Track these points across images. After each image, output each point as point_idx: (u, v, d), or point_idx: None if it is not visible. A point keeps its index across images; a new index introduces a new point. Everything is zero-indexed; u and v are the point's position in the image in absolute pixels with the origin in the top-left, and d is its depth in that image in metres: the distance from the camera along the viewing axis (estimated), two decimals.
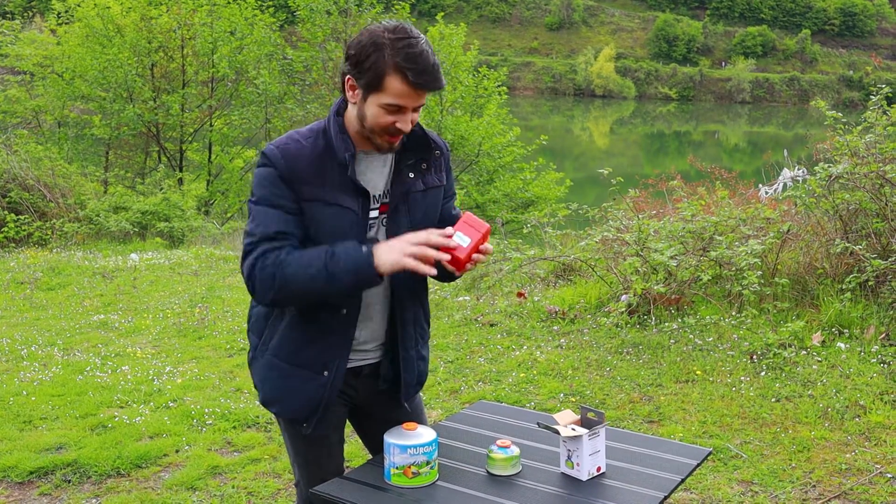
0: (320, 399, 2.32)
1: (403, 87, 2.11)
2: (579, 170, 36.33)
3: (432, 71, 2.11)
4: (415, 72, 2.09)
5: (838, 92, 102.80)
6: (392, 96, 2.13)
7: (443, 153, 2.43)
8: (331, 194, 2.22)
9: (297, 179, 2.20)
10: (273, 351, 2.34)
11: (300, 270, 2.15)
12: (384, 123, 2.18)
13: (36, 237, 12.84)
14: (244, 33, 20.52)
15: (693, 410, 4.90)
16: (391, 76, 2.11)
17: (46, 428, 4.90)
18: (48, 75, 20.82)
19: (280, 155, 2.21)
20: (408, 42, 2.10)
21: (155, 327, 7.34)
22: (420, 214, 2.35)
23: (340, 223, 2.24)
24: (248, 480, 4.20)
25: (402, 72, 2.09)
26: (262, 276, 2.17)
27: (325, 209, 2.23)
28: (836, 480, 3.99)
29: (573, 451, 2.19)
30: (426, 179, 2.37)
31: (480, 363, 5.97)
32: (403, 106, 2.15)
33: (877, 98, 6.75)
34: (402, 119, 2.18)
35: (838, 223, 6.69)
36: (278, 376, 2.34)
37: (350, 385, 2.42)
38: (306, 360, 2.31)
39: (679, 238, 6.91)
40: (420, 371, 2.50)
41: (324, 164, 2.23)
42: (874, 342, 5.60)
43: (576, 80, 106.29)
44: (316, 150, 2.24)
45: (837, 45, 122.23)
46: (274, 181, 2.21)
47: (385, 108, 2.16)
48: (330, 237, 2.23)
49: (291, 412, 2.36)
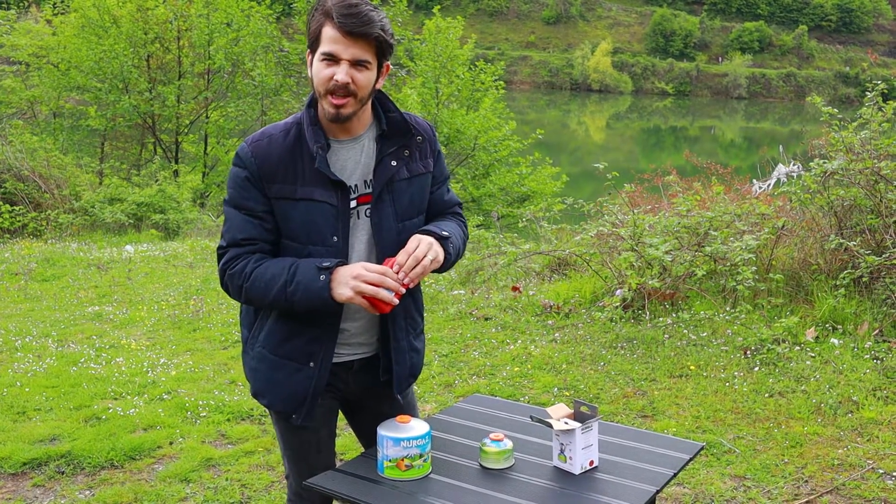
0: (307, 390, 2.33)
1: (333, 31, 2.14)
2: (575, 164, 36.33)
3: (357, 14, 2.13)
4: (339, 14, 2.12)
5: (834, 88, 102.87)
6: (325, 44, 2.16)
7: (426, 138, 2.39)
8: (301, 189, 2.22)
9: (266, 178, 2.22)
10: (262, 343, 2.36)
11: (264, 291, 2.21)
12: (323, 77, 2.18)
13: (31, 228, 12.82)
14: (240, 25, 20.47)
15: (686, 405, 4.91)
16: (325, 27, 2.16)
17: (40, 419, 4.90)
18: (44, 66, 20.77)
19: (251, 153, 2.23)
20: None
21: (149, 319, 7.34)
22: (405, 202, 2.33)
23: (312, 218, 2.23)
24: (242, 473, 4.20)
25: (329, 16, 2.13)
26: (232, 286, 2.26)
27: (294, 206, 2.23)
28: (828, 476, 4.01)
29: (566, 445, 2.20)
30: (410, 167, 2.35)
31: (475, 357, 5.98)
32: (335, 54, 2.15)
33: (872, 94, 6.75)
34: (339, 70, 2.16)
35: (833, 219, 6.71)
36: (266, 368, 2.36)
37: (340, 379, 2.42)
38: (292, 352, 2.32)
39: (674, 233, 6.92)
40: (413, 363, 2.48)
41: (295, 158, 2.24)
42: (867, 338, 5.62)
43: (572, 74, 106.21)
44: (287, 143, 2.25)
45: (834, 41, 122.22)
46: (242, 183, 2.24)
47: (322, 61, 2.17)
48: (303, 233, 2.24)
49: (280, 403, 2.37)
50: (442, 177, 2.48)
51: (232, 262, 2.25)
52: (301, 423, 2.37)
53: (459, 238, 2.42)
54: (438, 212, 2.47)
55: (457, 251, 2.38)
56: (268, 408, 2.44)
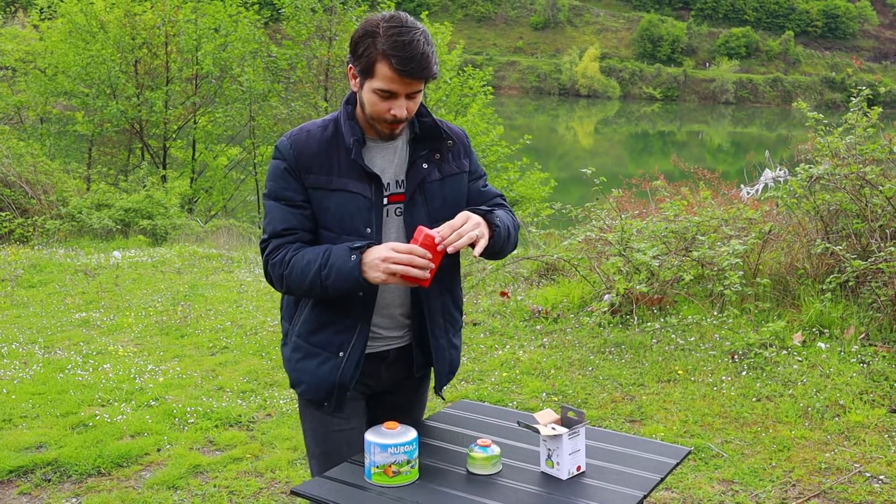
0: (337, 379, 2.38)
1: (391, 73, 2.17)
2: (563, 169, 36.40)
3: (419, 59, 2.16)
4: (400, 59, 2.14)
5: (821, 93, 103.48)
6: (382, 82, 2.19)
7: (456, 142, 2.46)
8: (337, 180, 2.30)
9: (303, 169, 2.30)
10: (297, 332, 2.44)
11: (301, 277, 2.27)
12: (380, 110, 2.25)
13: (17, 234, 12.74)
14: (228, 30, 20.42)
15: (675, 410, 4.92)
16: (380, 63, 2.18)
17: (26, 426, 4.87)
18: (30, 71, 20.68)
19: (290, 145, 2.33)
20: (398, 30, 2.16)
21: (137, 325, 7.31)
22: (438, 203, 2.39)
23: (347, 209, 2.30)
24: (230, 479, 4.18)
25: (388, 58, 2.16)
26: (274, 276, 2.34)
27: (329, 196, 2.31)
28: (815, 479, 4.03)
29: (553, 451, 2.20)
30: (443, 168, 2.41)
31: (463, 362, 5.98)
32: (394, 92, 2.21)
33: (857, 100, 6.80)
34: (396, 105, 2.23)
35: (819, 224, 6.74)
36: (301, 357, 2.44)
37: (373, 372, 2.46)
38: (323, 342, 2.39)
39: (662, 238, 6.94)
40: (452, 360, 2.54)
41: (331, 151, 2.32)
42: (854, 342, 5.65)
43: (560, 79, 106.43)
44: (325, 137, 2.34)
45: (820, 46, 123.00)
46: (281, 174, 2.33)
47: (378, 93, 2.22)
48: (337, 223, 2.31)
49: (311, 391, 2.43)
50: (478, 173, 2.54)
51: (274, 252, 2.33)
52: (333, 411, 2.42)
53: (509, 221, 2.45)
54: (478, 202, 2.50)
55: (507, 229, 2.40)
56: (302, 395, 2.48)
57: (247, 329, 7.10)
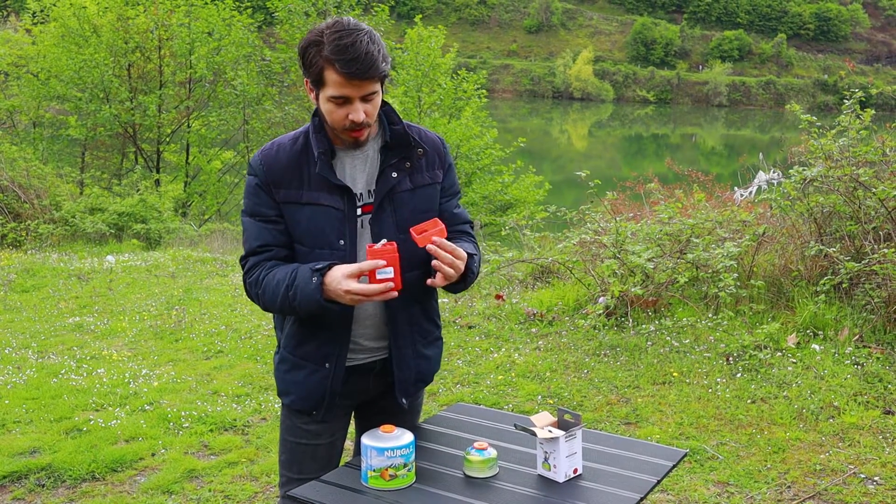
0: (325, 389, 2.41)
1: (338, 77, 2.16)
2: (557, 172, 36.45)
3: (364, 59, 2.14)
4: (344, 62, 2.14)
5: (813, 96, 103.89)
6: (333, 88, 2.19)
7: (428, 151, 2.42)
8: (307, 194, 2.29)
9: (273, 183, 2.30)
10: (283, 345, 2.47)
11: (273, 297, 2.30)
12: (338, 118, 2.24)
13: (10, 239, 12.70)
14: (222, 34, 20.41)
15: (670, 412, 4.92)
16: (327, 69, 2.17)
17: (20, 431, 4.85)
18: (23, 75, 20.61)
19: (260, 161, 2.33)
20: (340, 34, 2.15)
21: (131, 330, 7.29)
22: (406, 213, 2.36)
23: (318, 222, 2.29)
24: (225, 484, 4.17)
25: (333, 63, 2.15)
26: (252, 296, 2.37)
27: (300, 210, 2.30)
28: (810, 481, 4.03)
29: (550, 453, 2.20)
30: (414, 178, 2.38)
31: (459, 365, 5.97)
32: (347, 96, 2.19)
33: (850, 102, 6.82)
34: (353, 110, 2.21)
35: (813, 226, 6.76)
36: (287, 369, 2.46)
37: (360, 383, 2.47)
38: (308, 354, 2.41)
39: (656, 240, 6.95)
40: (420, 370, 2.52)
41: (301, 164, 2.31)
42: (848, 343, 5.66)
43: (554, 82, 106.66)
44: (295, 150, 2.33)
45: (813, 49, 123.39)
46: (254, 190, 2.34)
47: (332, 101, 2.21)
48: (309, 237, 2.31)
49: (300, 402, 2.45)
50: (452, 190, 2.51)
51: (250, 271, 2.36)
52: (322, 420, 2.45)
53: (477, 260, 2.45)
54: (448, 226, 2.47)
55: (475, 272, 2.42)
56: (289, 406, 2.50)
57: (241, 333, 7.08)
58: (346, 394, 2.46)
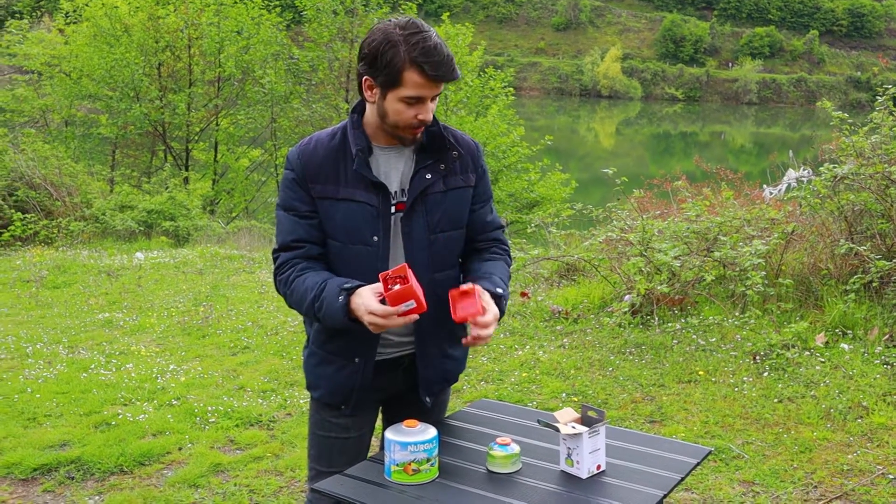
0: (354, 384, 2.43)
1: (421, 79, 2.17)
2: (584, 170, 36.29)
3: (447, 62, 2.18)
4: (431, 65, 2.15)
5: (846, 93, 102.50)
6: (412, 89, 2.19)
7: (463, 154, 2.42)
8: (343, 190, 2.31)
9: (310, 178, 2.32)
10: (313, 339, 2.49)
11: (299, 302, 2.32)
12: (407, 117, 2.24)
13: (42, 236, 12.88)
14: (251, 33, 20.55)
15: (695, 411, 4.89)
16: (409, 71, 2.17)
17: (50, 425, 4.92)
18: (56, 74, 20.89)
19: (297, 156, 2.34)
20: (421, 37, 2.16)
21: (159, 326, 7.37)
22: (438, 215, 2.37)
23: (354, 218, 2.31)
24: (251, 478, 4.21)
25: (419, 66, 2.15)
26: (282, 292, 2.38)
27: (336, 206, 2.31)
28: (837, 481, 3.99)
29: (573, 449, 2.20)
30: (448, 180, 2.39)
31: (483, 362, 5.98)
32: (423, 97, 2.21)
33: (883, 99, 6.73)
34: (423, 110, 2.24)
35: (843, 224, 6.68)
36: (316, 363, 2.49)
37: (389, 377, 2.48)
38: (338, 349, 2.43)
39: (683, 238, 6.90)
40: (446, 369, 2.55)
41: (338, 160, 2.33)
42: (878, 343, 5.59)
43: (582, 80, 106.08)
44: (332, 146, 2.34)
45: (845, 45, 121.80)
46: (290, 184, 2.35)
47: (405, 101, 2.21)
48: (344, 233, 2.32)
49: (329, 396, 2.47)
50: (485, 195, 2.52)
51: (281, 268, 2.37)
52: (350, 414, 2.47)
53: (508, 285, 2.48)
54: (480, 231, 2.51)
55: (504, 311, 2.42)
56: (318, 400, 2.52)
57: (268, 329, 7.13)
58: (375, 388, 2.48)
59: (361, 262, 2.32)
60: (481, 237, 2.52)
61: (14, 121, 20.05)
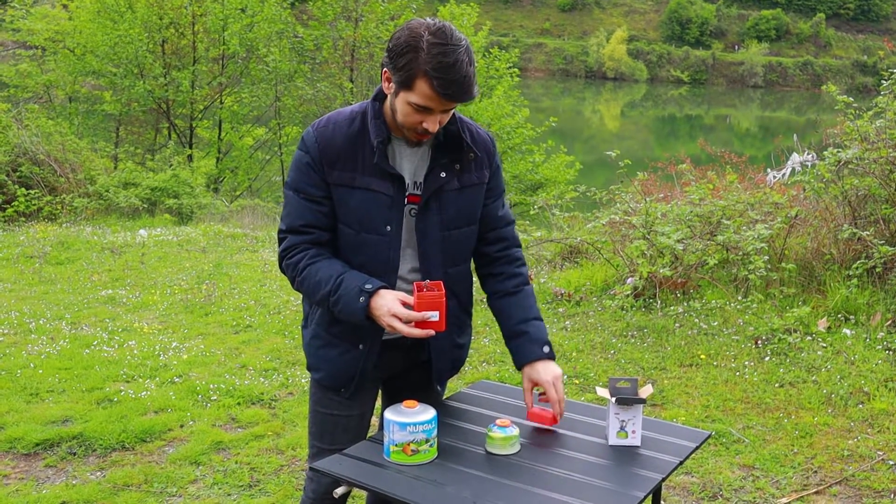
0: (356, 369, 2.42)
1: (430, 92, 2.10)
2: (589, 152, 36.20)
3: (461, 82, 2.09)
4: (443, 82, 2.08)
5: (852, 77, 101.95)
6: (419, 98, 2.13)
7: (480, 154, 2.40)
8: (360, 178, 2.27)
9: (327, 163, 2.27)
10: (317, 321, 2.46)
11: (312, 291, 2.30)
12: (412, 122, 2.20)
13: (46, 212, 12.88)
14: (255, 10, 20.44)
15: (696, 394, 4.90)
16: (421, 80, 2.10)
17: (53, 401, 4.94)
18: (59, 50, 20.79)
19: (315, 139, 2.29)
20: (443, 49, 2.07)
21: (162, 303, 7.38)
22: (452, 212, 2.36)
23: (368, 207, 2.28)
24: (252, 456, 4.23)
25: (430, 79, 2.08)
26: (289, 275, 2.35)
27: (351, 193, 2.28)
28: (837, 466, 4.00)
29: (627, 421, 2.30)
30: (462, 178, 2.37)
31: (485, 344, 5.98)
32: (431, 108, 2.15)
33: (889, 83, 6.69)
34: (429, 120, 2.18)
35: (847, 209, 6.67)
36: (320, 346, 2.46)
37: (389, 357, 2.47)
38: (343, 333, 2.40)
39: (686, 222, 6.89)
40: (454, 358, 2.57)
41: (356, 147, 2.28)
42: (880, 329, 5.59)
43: (587, 62, 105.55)
44: (351, 132, 2.29)
45: (852, 29, 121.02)
46: (304, 167, 2.30)
47: (413, 106, 2.16)
48: (357, 221, 2.30)
49: (330, 379, 2.46)
50: (498, 190, 2.50)
51: (290, 250, 2.33)
52: (349, 398, 2.46)
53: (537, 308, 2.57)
54: (492, 227, 2.50)
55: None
56: (318, 382, 2.51)
57: (270, 308, 7.14)
58: (376, 368, 2.47)
59: (373, 250, 2.31)
60: (492, 234, 2.51)
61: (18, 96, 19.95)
